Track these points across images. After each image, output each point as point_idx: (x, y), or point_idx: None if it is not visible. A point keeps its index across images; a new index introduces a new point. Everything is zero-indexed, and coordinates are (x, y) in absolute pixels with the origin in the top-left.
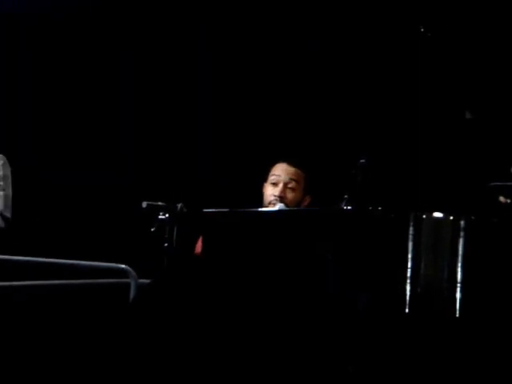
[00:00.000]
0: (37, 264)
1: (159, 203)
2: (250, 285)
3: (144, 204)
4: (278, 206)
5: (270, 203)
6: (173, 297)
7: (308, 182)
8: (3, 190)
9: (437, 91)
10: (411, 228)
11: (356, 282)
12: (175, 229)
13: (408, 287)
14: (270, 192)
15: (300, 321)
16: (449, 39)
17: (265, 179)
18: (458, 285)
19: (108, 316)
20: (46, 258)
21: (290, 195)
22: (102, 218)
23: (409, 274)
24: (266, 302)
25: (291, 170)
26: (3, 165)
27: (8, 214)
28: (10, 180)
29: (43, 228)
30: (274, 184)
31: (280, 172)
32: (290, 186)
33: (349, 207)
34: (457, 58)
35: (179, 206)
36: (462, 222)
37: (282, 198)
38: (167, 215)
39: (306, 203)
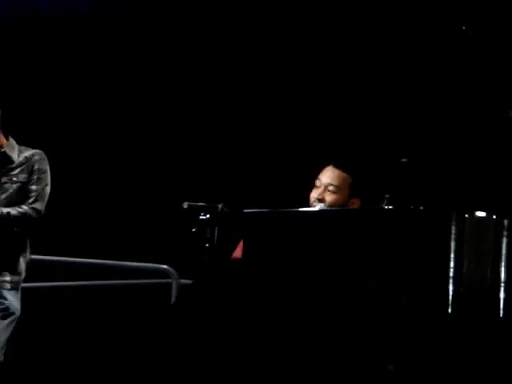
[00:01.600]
0: (80, 264)
1: (200, 204)
2: (290, 285)
3: (185, 205)
4: (318, 207)
5: (311, 205)
6: (214, 298)
7: (354, 184)
8: (37, 184)
9: (479, 89)
10: (454, 227)
11: (398, 282)
12: (216, 229)
13: (451, 287)
14: (312, 194)
15: (342, 321)
16: (491, 37)
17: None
18: (502, 284)
19: (150, 315)
20: (89, 258)
21: (329, 197)
22: (143, 219)
23: (451, 274)
24: (308, 302)
25: (334, 172)
26: (39, 160)
27: (39, 207)
28: (45, 175)
29: (85, 228)
30: (317, 186)
31: (323, 175)
32: (330, 188)
33: (390, 207)
34: (499, 55)
35: (220, 206)
36: (506, 221)
37: (320, 200)
38: (208, 216)
39: (353, 206)
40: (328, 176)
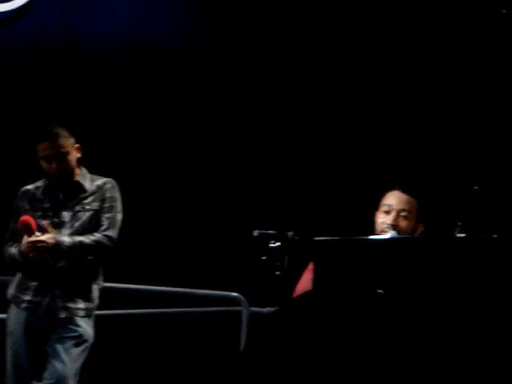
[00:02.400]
0: (150, 292)
1: (270, 232)
2: (366, 315)
3: (255, 233)
4: (390, 234)
5: (382, 231)
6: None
7: (421, 210)
8: (109, 212)
9: None
10: None
11: (472, 310)
12: (286, 257)
13: None
14: (382, 220)
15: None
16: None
17: (377, 207)
18: None
19: (220, 343)
20: (158, 285)
21: (402, 223)
22: (213, 247)
23: None
24: (384, 332)
25: (404, 198)
26: (111, 188)
27: (111, 234)
28: (117, 203)
29: (155, 255)
30: (387, 212)
31: (393, 200)
32: (402, 214)
33: (463, 234)
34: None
35: (290, 234)
36: None
37: (394, 227)
38: (278, 243)
39: (419, 231)
40: (400, 201)
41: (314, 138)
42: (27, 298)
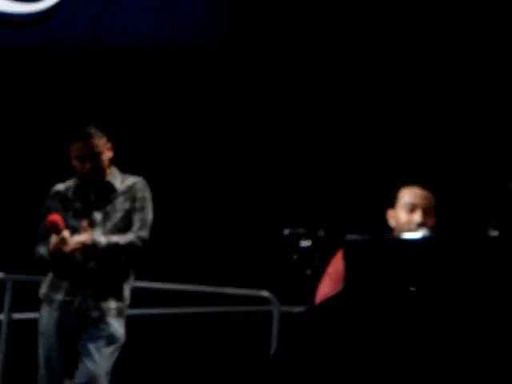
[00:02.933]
0: (179, 291)
1: (301, 230)
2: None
3: (286, 231)
4: (423, 232)
5: (410, 230)
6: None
7: (437, 205)
8: (141, 211)
9: None
10: None
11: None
12: (317, 256)
13: None
14: (407, 218)
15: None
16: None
17: (393, 204)
18: None
19: (251, 342)
20: (188, 283)
21: (429, 221)
22: (245, 245)
23: None
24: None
25: (426, 194)
26: (142, 188)
27: (143, 234)
28: (148, 202)
29: (184, 253)
30: (411, 210)
31: (417, 198)
32: (427, 211)
33: (496, 232)
34: None
35: (320, 232)
36: None
37: (423, 224)
38: (309, 242)
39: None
40: (423, 198)
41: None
42: (59, 297)
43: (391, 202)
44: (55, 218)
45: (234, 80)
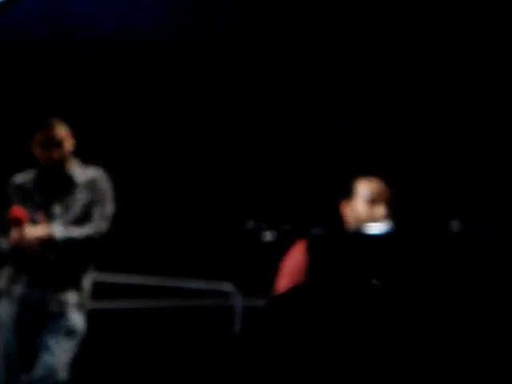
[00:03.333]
0: (142, 284)
1: (264, 223)
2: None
3: (249, 224)
4: (387, 226)
5: (372, 223)
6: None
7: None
8: (101, 203)
9: None
10: None
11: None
12: (279, 249)
13: None
14: (367, 211)
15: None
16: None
17: (348, 196)
18: None
19: (213, 335)
20: (149, 275)
21: (388, 213)
22: (207, 238)
23: None
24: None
25: (383, 187)
26: (102, 180)
27: (103, 226)
28: (108, 194)
29: (146, 246)
30: (372, 202)
31: (377, 190)
32: (387, 203)
33: (459, 227)
34: None
35: (284, 226)
36: None
37: (386, 217)
38: (272, 235)
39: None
40: (384, 191)
41: (314, 137)
42: (18, 290)
43: (345, 194)
44: (18, 212)
45: (215, 77)
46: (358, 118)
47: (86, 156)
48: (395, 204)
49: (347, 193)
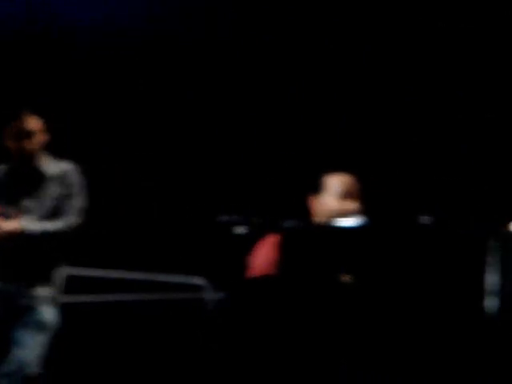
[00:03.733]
0: (110, 277)
1: (236, 217)
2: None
3: (220, 218)
4: (360, 220)
5: (345, 217)
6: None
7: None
8: (72, 197)
9: None
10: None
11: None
12: (252, 242)
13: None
14: (339, 205)
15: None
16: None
17: (316, 191)
18: None
19: (185, 329)
20: (120, 269)
21: (361, 207)
22: (179, 232)
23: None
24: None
25: (354, 181)
26: (74, 174)
27: (74, 220)
28: (80, 188)
29: (117, 239)
30: (344, 197)
31: (349, 185)
32: (359, 198)
33: (428, 220)
34: None
35: (255, 219)
36: None
37: (359, 212)
38: (244, 229)
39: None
40: (355, 186)
41: (286, 132)
42: None
43: (313, 189)
44: None
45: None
46: (328, 112)
47: (59, 151)
48: (366, 200)
49: (315, 187)
